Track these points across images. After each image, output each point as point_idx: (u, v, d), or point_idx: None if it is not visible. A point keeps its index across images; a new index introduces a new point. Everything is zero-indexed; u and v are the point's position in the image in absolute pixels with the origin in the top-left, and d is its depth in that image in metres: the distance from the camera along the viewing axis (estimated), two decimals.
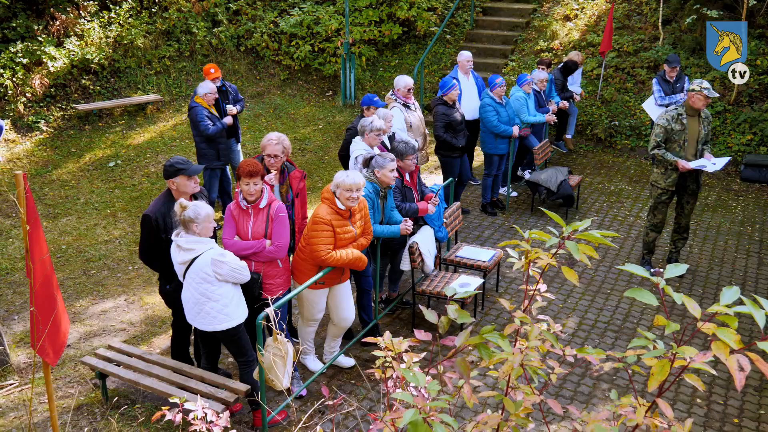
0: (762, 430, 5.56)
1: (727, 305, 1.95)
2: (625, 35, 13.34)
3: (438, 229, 6.84)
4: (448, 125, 8.51)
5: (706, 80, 9.71)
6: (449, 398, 2.31)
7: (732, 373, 1.82)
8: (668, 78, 9.51)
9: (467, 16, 14.97)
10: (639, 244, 8.62)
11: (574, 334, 6.76)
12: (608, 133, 12.22)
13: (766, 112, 11.50)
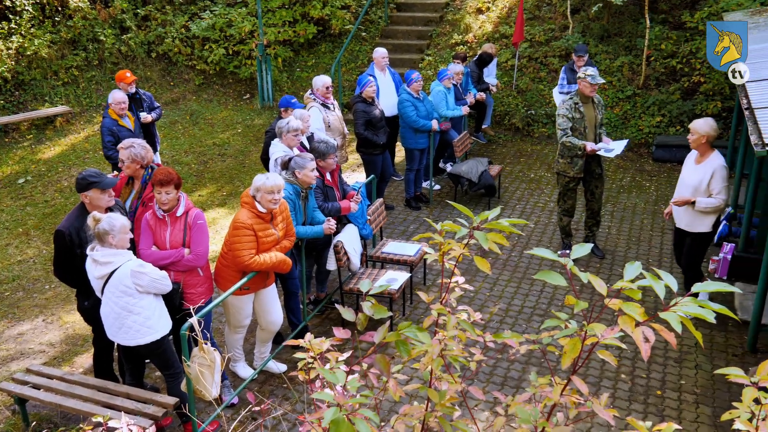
0: (683, 399, 5.79)
1: (631, 280, 2.02)
2: (536, 25, 13.65)
3: (362, 227, 6.85)
4: (369, 122, 8.53)
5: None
6: (370, 394, 2.31)
7: (638, 344, 1.89)
8: (576, 67, 9.78)
9: (381, 13, 15.03)
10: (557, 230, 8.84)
11: (501, 321, 6.89)
12: (525, 122, 12.49)
13: (672, 94, 11.98)
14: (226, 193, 10.29)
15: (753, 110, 4.81)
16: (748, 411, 1.97)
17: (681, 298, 1.93)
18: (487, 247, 2.23)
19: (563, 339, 2.12)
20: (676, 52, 12.26)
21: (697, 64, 11.92)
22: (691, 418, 5.57)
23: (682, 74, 12.13)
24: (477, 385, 5.89)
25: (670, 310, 1.88)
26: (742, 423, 2.02)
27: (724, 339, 6.63)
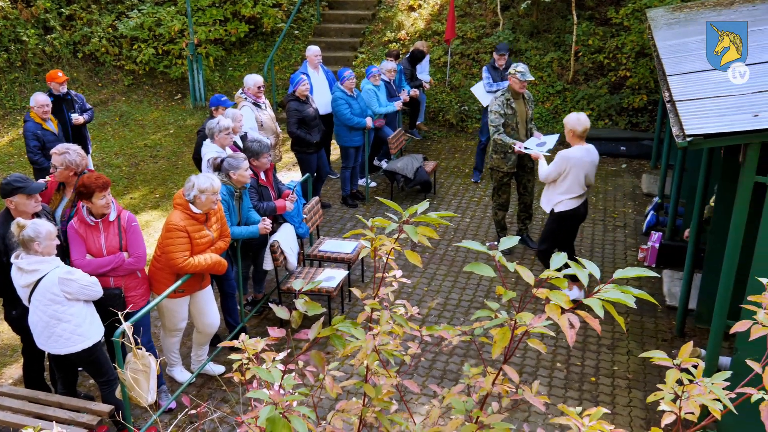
0: (617, 385, 5.97)
1: (557, 269, 2.06)
2: (467, 22, 13.82)
3: (298, 226, 6.81)
4: (302, 121, 8.48)
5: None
6: (306, 391, 2.30)
7: (564, 331, 1.93)
8: (497, 65, 9.92)
9: (314, 11, 14.97)
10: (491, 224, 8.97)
11: (440, 315, 6.96)
12: (459, 117, 12.64)
13: (600, 88, 12.31)
14: (159, 195, 10.08)
15: (674, 103, 4.98)
16: (671, 392, 2.04)
17: (603, 285, 1.98)
18: (417, 240, 2.25)
19: (494, 329, 2.16)
20: (603, 47, 12.59)
21: (623, 59, 12.28)
22: (624, 403, 5.73)
23: (609, 69, 12.47)
24: (417, 379, 5.94)
25: (594, 296, 1.93)
26: (667, 404, 2.09)
27: (654, 325, 6.85)
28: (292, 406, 2.17)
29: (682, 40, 7.17)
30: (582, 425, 2.17)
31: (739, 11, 7.85)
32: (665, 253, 7.81)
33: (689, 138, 4.16)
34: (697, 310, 6.61)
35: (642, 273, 1.98)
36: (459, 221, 9.12)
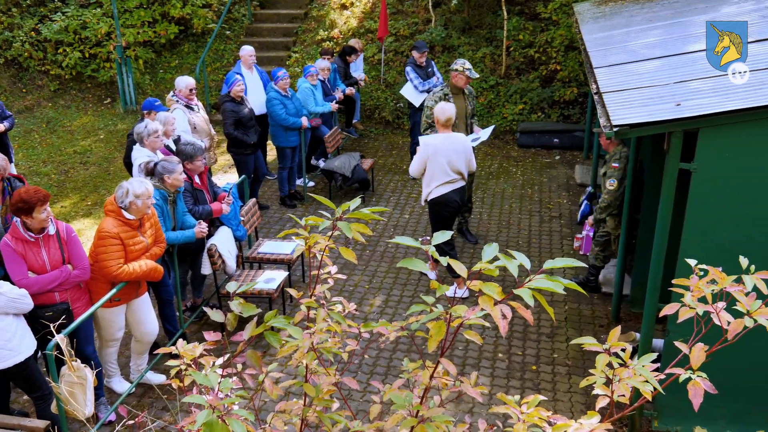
0: (557, 372, 6.09)
1: (489, 261, 2.09)
2: (400, 20, 13.87)
3: (236, 228, 6.72)
4: (238, 122, 8.38)
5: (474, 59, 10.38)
6: (244, 393, 2.28)
7: (497, 321, 1.95)
8: (419, 63, 9.98)
9: (245, 11, 14.79)
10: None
11: (382, 312, 6.97)
12: (395, 114, 12.68)
13: (532, 82, 12.53)
14: (91, 202, 9.81)
15: (601, 94, 5.10)
16: (603, 376, 2.09)
17: (534, 275, 2.01)
18: (351, 236, 2.25)
19: (430, 323, 2.17)
20: (534, 41, 12.82)
21: (553, 53, 12.53)
22: (564, 389, 5.86)
23: (540, 63, 12.70)
24: (361, 377, 5.94)
25: (524, 287, 1.96)
26: (599, 388, 2.14)
27: (591, 312, 7.01)
28: (231, 410, 2.14)
29: (608, 33, 7.36)
30: (520, 412, 2.21)
31: (661, 4, 8.10)
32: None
33: (616, 128, 4.27)
34: (631, 295, 6.80)
35: (569, 263, 2.02)
36: (398, 217, 9.16)
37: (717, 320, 2.02)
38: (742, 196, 4.49)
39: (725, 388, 4.89)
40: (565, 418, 2.19)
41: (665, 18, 7.37)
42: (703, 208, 4.54)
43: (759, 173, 4.43)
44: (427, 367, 2.29)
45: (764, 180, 4.44)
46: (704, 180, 4.48)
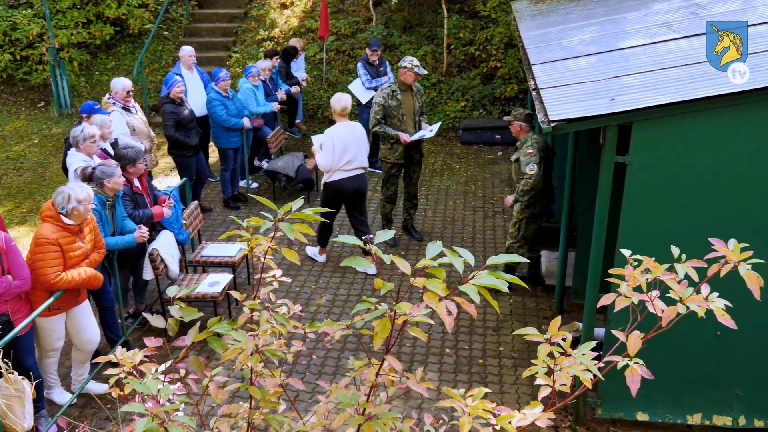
0: (503, 365, 6.18)
1: (433, 258, 2.11)
2: (341, 18, 13.85)
3: (178, 232, 6.61)
4: (179, 123, 8.24)
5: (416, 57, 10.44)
6: (185, 399, 2.25)
7: (442, 317, 1.97)
8: (371, 61, 10.00)
9: (182, 11, 14.55)
10: (379, 216, 9.06)
11: (329, 312, 6.95)
12: None
13: (473, 79, 12.67)
14: (26, 209, 9.51)
15: (539, 90, 5.19)
16: (544, 366, 2.13)
17: (478, 271, 2.04)
18: (293, 237, 2.24)
19: (375, 321, 2.18)
20: (474, 39, 12.97)
21: (493, 50, 12.69)
22: (511, 381, 5.95)
23: (481, 60, 12.86)
24: (309, 378, 5.92)
25: (469, 283, 1.98)
26: (542, 378, 2.19)
27: (536, 304, 7.14)
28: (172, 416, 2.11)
29: (545, 31, 7.50)
30: (465, 405, 2.23)
31: (595, 2, 8.29)
32: (542, 234, 8.13)
33: (553, 123, 4.35)
34: (573, 287, 6.94)
35: (513, 259, 2.05)
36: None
37: (652, 308, 2.08)
38: (676, 187, 4.64)
39: (664, 374, 5.06)
40: (509, 409, 2.23)
41: (599, 15, 7.55)
42: (638, 199, 4.67)
43: (691, 165, 4.58)
44: (372, 364, 2.29)
45: (696, 171, 4.59)
46: (639, 172, 4.60)
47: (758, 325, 4.85)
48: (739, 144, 4.50)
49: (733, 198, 4.61)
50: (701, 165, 4.57)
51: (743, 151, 4.51)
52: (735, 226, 4.59)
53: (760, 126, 4.44)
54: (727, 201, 4.62)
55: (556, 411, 5.82)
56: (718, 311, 2.04)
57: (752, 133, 4.46)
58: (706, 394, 5.15)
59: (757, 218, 4.63)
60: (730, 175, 4.57)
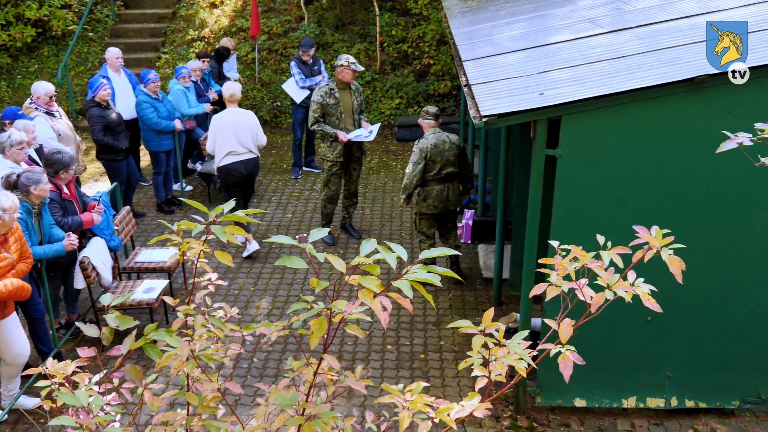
0: (444, 358, 6.24)
1: (367, 255, 2.11)
2: (272, 17, 13.74)
3: (110, 239, 6.45)
4: (107, 127, 8.03)
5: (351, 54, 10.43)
6: (118, 409, 2.19)
7: (377, 314, 1.98)
8: (304, 60, 9.96)
9: (108, 11, 14.18)
10: (318, 216, 9.03)
11: (269, 314, 6.90)
12: (273, 114, 12.56)
13: (407, 77, 12.75)
14: None
15: (471, 86, 5.26)
16: (480, 357, 2.16)
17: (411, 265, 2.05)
18: (225, 239, 2.21)
19: (312, 320, 2.17)
20: (406, 37, 13.04)
21: (426, 48, 12.80)
22: (452, 375, 6.01)
23: (414, 57, 12.95)
24: (251, 381, 5.86)
25: (402, 278, 1.99)
26: (478, 369, 2.22)
27: (474, 297, 7.24)
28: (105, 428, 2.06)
29: (475, 27, 7.60)
30: (405, 400, 2.25)
31: None
32: (478, 228, 8.26)
33: (485, 118, 4.42)
34: (510, 279, 7.06)
35: (444, 252, 2.07)
36: (281, 217, 9.09)
37: (581, 296, 2.13)
38: (604, 177, 4.77)
39: (599, 360, 5.20)
40: (448, 402, 2.25)
41: (527, 12, 7.69)
42: (569, 191, 4.78)
43: (617, 156, 4.72)
44: (311, 364, 2.29)
45: (622, 162, 4.73)
46: (569, 165, 4.71)
47: (686, 308, 5.04)
48: (660, 134, 4.66)
49: (656, 186, 4.78)
50: (626, 155, 4.71)
51: (664, 141, 4.68)
52: (659, 213, 4.75)
53: (679, 116, 4.61)
54: (651, 189, 4.78)
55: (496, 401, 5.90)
56: (644, 296, 2.10)
57: (672, 123, 4.63)
58: (639, 378, 5.32)
59: (678, 205, 4.80)
60: (654, 164, 4.73)
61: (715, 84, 4.44)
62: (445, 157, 6.86)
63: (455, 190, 7.04)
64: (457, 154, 6.94)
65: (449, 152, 6.87)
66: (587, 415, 5.52)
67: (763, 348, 5.13)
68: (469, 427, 5.35)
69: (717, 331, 5.17)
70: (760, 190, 4.71)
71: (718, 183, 4.75)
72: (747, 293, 5.05)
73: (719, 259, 4.95)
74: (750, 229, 4.85)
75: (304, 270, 7.69)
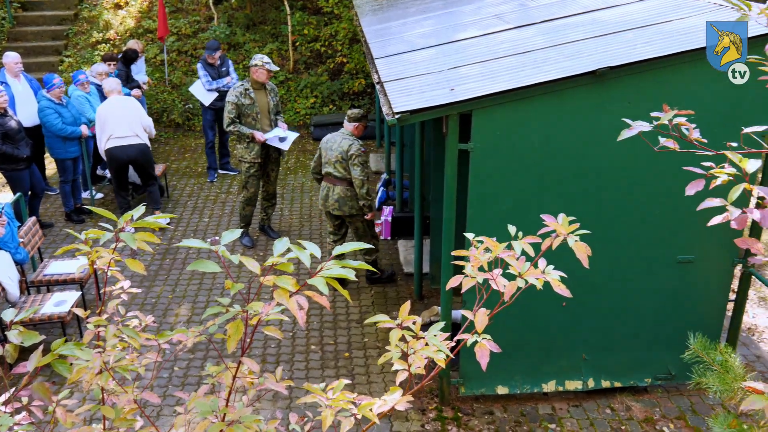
0: (369, 355, 6.27)
1: (281, 255, 2.10)
2: (180, 18, 13.44)
3: (15, 252, 6.17)
4: (5, 135, 7.67)
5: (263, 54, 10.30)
6: (28, 428, 2.11)
7: (294, 313, 1.97)
8: (211, 62, 9.77)
9: (4, 14, 13.53)
10: (235, 219, 8.90)
11: (189, 320, 6.75)
12: (185, 116, 12.29)
13: (321, 76, 12.71)
14: None
15: (383, 84, 5.29)
16: (398, 351, 2.18)
17: (325, 262, 2.05)
18: (136, 246, 2.15)
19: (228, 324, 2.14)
20: (319, 36, 13.00)
21: (339, 46, 12.79)
22: (377, 371, 6.05)
23: (327, 56, 12.92)
24: (171, 390, 5.72)
25: (317, 275, 1.99)
26: (398, 363, 2.24)
27: (396, 293, 7.29)
28: None
29: (386, 25, 7.65)
30: (327, 399, 2.25)
31: None
32: (398, 224, 8.33)
33: (397, 115, 4.45)
34: (430, 272, 7.16)
35: (357, 246, 2.08)
36: (197, 222, 8.91)
37: (495, 285, 2.18)
38: (514, 169, 4.89)
39: (517, 347, 5.34)
40: (371, 398, 2.27)
41: (437, 9, 7.80)
42: (482, 184, 4.88)
43: (526, 147, 4.84)
44: (229, 368, 2.25)
45: (531, 153, 4.86)
46: (481, 158, 4.81)
47: (596, 292, 5.24)
48: (565, 125, 4.81)
49: (563, 175, 4.94)
50: (535, 147, 4.85)
51: (570, 132, 4.83)
52: (567, 202, 4.92)
53: (582, 108, 4.77)
54: (559, 178, 4.94)
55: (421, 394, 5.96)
56: (554, 282, 2.17)
57: (576, 114, 4.79)
58: (557, 362, 5.49)
59: (585, 192, 4.98)
60: (560, 154, 4.88)
61: (616, 76, 4.62)
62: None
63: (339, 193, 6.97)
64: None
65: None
66: (510, 402, 5.66)
67: (670, 326, 5.39)
68: (396, 422, 5.39)
69: (625, 312, 5.39)
70: (660, 175, 4.93)
71: (621, 170, 4.96)
72: (651, 274, 5.29)
73: (623, 242, 5.16)
74: (651, 211, 5.08)
75: (224, 274, 7.57)
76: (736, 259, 5.27)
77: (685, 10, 5.34)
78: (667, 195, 4.98)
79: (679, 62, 4.64)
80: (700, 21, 4.98)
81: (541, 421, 5.45)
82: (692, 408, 5.58)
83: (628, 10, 5.78)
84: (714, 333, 5.37)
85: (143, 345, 2.48)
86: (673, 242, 5.19)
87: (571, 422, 5.44)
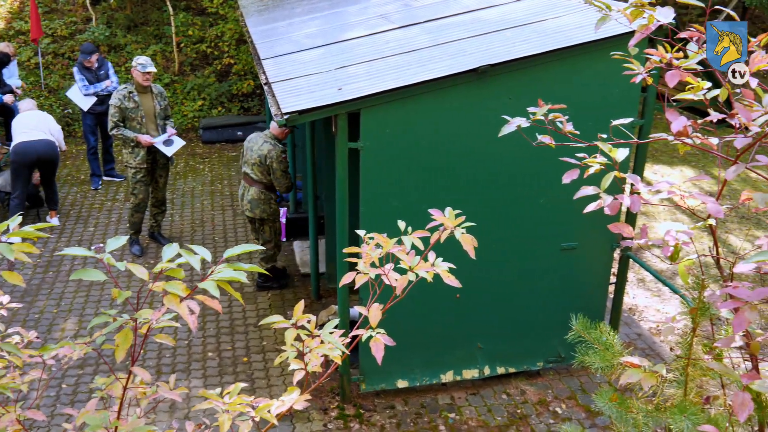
0: (268, 358, 6.22)
1: (170, 260, 2.06)
2: (55, 19, 12.82)
3: None
4: None
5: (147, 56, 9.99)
6: None
7: (185, 318, 1.94)
8: (87, 66, 9.38)
9: None
10: (123, 227, 8.60)
11: (76, 335, 6.47)
12: (64, 122, 11.73)
13: (208, 77, 12.45)
14: None
15: (271, 84, 5.26)
16: (294, 350, 2.19)
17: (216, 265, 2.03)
18: (14, 257, 2.05)
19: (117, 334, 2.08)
20: (204, 36, 12.73)
21: (225, 47, 12.57)
22: (277, 374, 6.01)
23: (214, 57, 12.67)
24: (59, 409, 5.47)
25: (208, 279, 1.97)
26: (294, 362, 2.25)
27: (294, 294, 7.26)
28: None
29: (272, 25, 7.59)
30: (223, 404, 2.23)
31: None
32: (293, 225, 8.29)
33: (286, 115, 4.44)
34: (327, 272, 7.17)
35: (248, 248, 2.07)
36: (82, 232, 8.54)
37: (387, 280, 2.23)
38: (403, 166, 4.98)
39: (415, 340, 5.45)
40: (269, 400, 2.26)
41: (323, 9, 7.81)
42: (373, 181, 4.95)
43: (414, 145, 4.95)
44: (119, 379, 2.19)
45: (419, 150, 4.97)
46: (371, 156, 4.87)
47: (486, 282, 5.42)
48: (450, 122, 4.95)
49: (450, 170, 5.08)
50: (421, 144, 4.96)
51: (454, 128, 4.98)
52: (454, 196, 5.06)
53: (466, 105, 4.93)
54: (446, 174, 5.08)
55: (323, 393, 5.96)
56: (444, 273, 2.24)
57: (460, 111, 4.94)
58: (454, 353, 5.64)
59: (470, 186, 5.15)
60: (446, 150, 5.02)
61: (496, 73, 4.80)
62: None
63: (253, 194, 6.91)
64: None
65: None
66: (410, 395, 5.76)
67: (557, 311, 5.64)
68: (299, 424, 5.38)
69: (515, 300, 5.61)
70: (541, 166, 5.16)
71: (505, 164, 5.15)
72: (537, 262, 5.52)
73: (509, 233, 5.36)
74: (534, 201, 5.31)
75: (112, 285, 7.30)
76: (615, 243, 5.59)
77: (559, 10, 5.60)
78: (549, 186, 5.21)
79: (552, 59, 4.87)
80: (572, 20, 5.25)
81: (441, 411, 5.58)
82: (582, 387, 5.87)
83: (507, 9, 6.00)
84: (598, 314, 5.68)
85: (26, 362, 2.38)
86: (556, 230, 5.44)
87: (469, 410, 5.60)
